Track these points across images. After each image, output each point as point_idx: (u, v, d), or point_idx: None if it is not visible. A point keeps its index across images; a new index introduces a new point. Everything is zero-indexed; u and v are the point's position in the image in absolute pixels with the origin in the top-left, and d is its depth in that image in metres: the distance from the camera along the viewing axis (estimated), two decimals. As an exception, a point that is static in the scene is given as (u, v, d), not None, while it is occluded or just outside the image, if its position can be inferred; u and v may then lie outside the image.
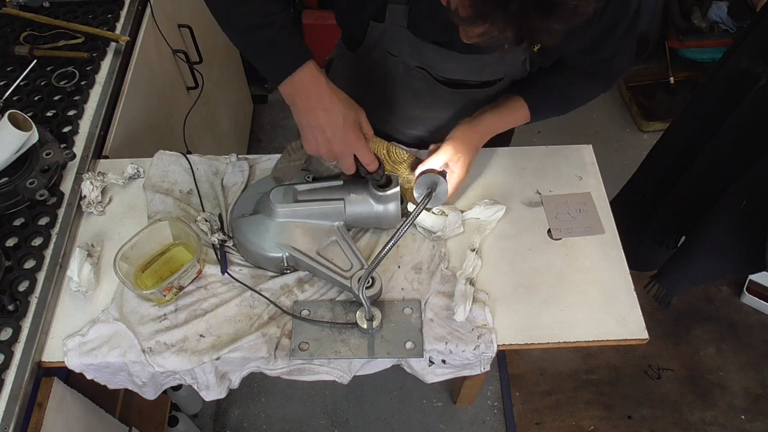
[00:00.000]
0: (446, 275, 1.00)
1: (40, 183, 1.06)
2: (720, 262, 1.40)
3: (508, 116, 1.07)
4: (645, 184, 1.62)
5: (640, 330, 0.95)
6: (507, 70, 1.05)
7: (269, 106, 2.83)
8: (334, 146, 0.87)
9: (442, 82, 1.06)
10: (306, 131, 0.87)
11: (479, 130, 1.04)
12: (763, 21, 1.21)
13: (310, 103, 0.85)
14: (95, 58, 1.30)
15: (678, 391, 1.98)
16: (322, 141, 0.87)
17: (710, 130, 1.36)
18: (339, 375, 0.96)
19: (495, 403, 1.97)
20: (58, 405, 0.96)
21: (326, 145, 0.87)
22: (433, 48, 0.99)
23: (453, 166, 1.01)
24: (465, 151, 1.02)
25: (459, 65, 1.02)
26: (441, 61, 1.01)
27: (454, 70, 1.03)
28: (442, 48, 0.98)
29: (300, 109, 0.86)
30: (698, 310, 2.16)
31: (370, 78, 1.12)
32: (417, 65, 1.03)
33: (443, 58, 1.00)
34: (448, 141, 1.03)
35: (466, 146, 1.03)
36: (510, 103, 1.07)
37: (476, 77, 1.05)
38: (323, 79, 0.85)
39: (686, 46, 2.68)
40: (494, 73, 1.05)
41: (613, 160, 2.60)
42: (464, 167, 1.02)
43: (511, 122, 1.08)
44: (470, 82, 1.06)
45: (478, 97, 1.09)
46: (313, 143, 0.88)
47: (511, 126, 1.09)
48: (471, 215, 1.07)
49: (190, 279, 0.97)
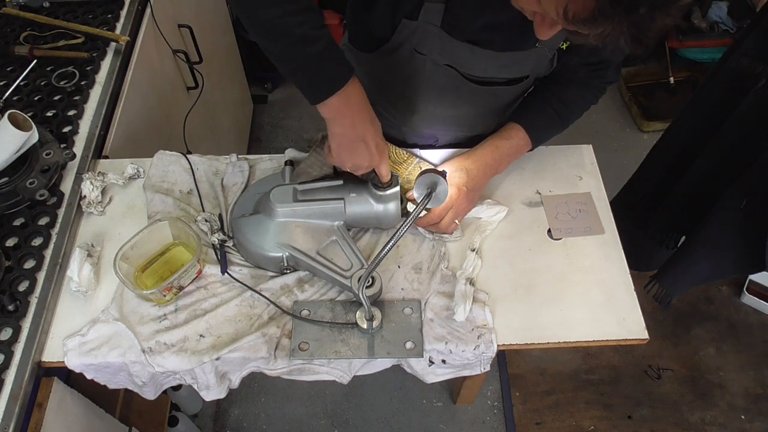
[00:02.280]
0: (446, 275, 1.00)
1: (40, 183, 1.06)
2: (720, 262, 1.40)
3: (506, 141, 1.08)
4: (645, 184, 1.62)
5: (640, 330, 0.95)
6: (534, 67, 1.05)
7: (269, 106, 2.83)
8: (373, 159, 0.90)
9: (470, 79, 1.06)
10: (347, 143, 0.88)
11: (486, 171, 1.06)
12: (763, 21, 1.21)
13: (361, 117, 0.86)
14: (95, 58, 1.30)
15: (678, 391, 1.98)
16: (365, 153, 0.88)
17: (710, 130, 1.36)
18: (339, 375, 0.96)
19: (495, 403, 1.97)
20: (58, 405, 0.96)
21: (368, 158, 0.89)
22: (466, 47, 0.98)
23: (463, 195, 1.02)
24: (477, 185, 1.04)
25: (490, 63, 1.02)
26: (472, 60, 1.01)
27: (485, 68, 1.03)
28: (475, 47, 0.98)
29: (347, 121, 0.86)
30: (698, 310, 2.16)
31: (390, 78, 1.12)
32: (446, 63, 1.03)
33: (475, 56, 1.00)
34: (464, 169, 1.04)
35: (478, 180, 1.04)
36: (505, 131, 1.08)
37: (505, 74, 1.05)
38: (364, 91, 0.87)
39: (686, 46, 2.68)
40: (523, 70, 1.05)
41: (613, 160, 2.60)
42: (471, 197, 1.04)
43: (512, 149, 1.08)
44: (498, 80, 1.06)
45: (503, 93, 1.09)
46: (351, 155, 0.89)
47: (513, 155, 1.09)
48: (472, 214, 1.07)
49: (190, 279, 0.97)
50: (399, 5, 0.97)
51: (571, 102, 1.10)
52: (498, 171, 1.08)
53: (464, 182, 1.03)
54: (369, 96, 0.90)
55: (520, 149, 1.09)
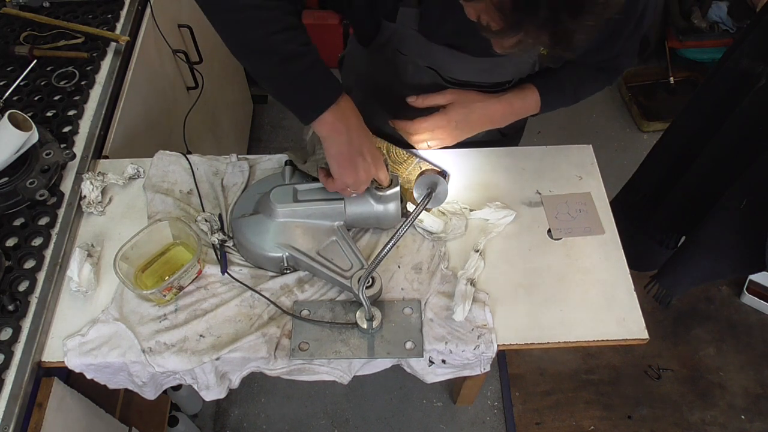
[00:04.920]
0: (446, 275, 1.00)
1: (40, 183, 1.06)
2: (720, 262, 1.40)
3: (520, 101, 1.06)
4: (645, 184, 1.62)
5: (640, 330, 0.95)
6: (516, 71, 1.05)
7: (269, 106, 2.83)
8: (372, 171, 0.89)
9: (451, 82, 1.06)
10: (346, 161, 0.87)
11: (488, 112, 1.04)
12: (763, 21, 1.21)
13: (357, 131, 0.86)
14: (95, 58, 1.30)
15: (678, 391, 1.98)
16: (363, 166, 0.88)
17: (710, 130, 1.36)
18: (339, 375, 0.96)
19: (495, 403, 1.97)
20: (58, 405, 0.96)
21: (367, 170, 0.89)
22: (445, 50, 0.99)
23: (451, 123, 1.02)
24: (468, 128, 1.03)
25: (470, 67, 1.02)
26: (451, 63, 1.02)
27: (464, 71, 1.04)
28: (454, 50, 0.98)
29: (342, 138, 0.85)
30: (698, 310, 2.16)
31: (381, 75, 1.12)
32: (427, 65, 1.04)
33: (454, 59, 1.00)
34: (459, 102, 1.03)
35: (473, 125, 1.04)
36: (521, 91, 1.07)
37: (486, 79, 1.05)
38: (355, 107, 0.87)
39: (686, 46, 2.68)
40: (504, 74, 1.05)
41: (613, 160, 2.60)
42: (454, 135, 1.04)
43: (522, 109, 1.07)
44: (480, 84, 1.06)
45: None
46: (352, 172, 0.88)
47: (522, 115, 1.09)
48: (479, 215, 1.07)
49: (190, 279, 0.97)
50: (377, 5, 0.97)
51: (586, 80, 1.09)
52: (499, 126, 1.08)
53: (459, 118, 1.02)
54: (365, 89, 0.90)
55: (528, 111, 1.08)
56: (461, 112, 1.03)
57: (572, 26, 0.60)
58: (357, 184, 0.91)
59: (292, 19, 0.80)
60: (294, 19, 0.81)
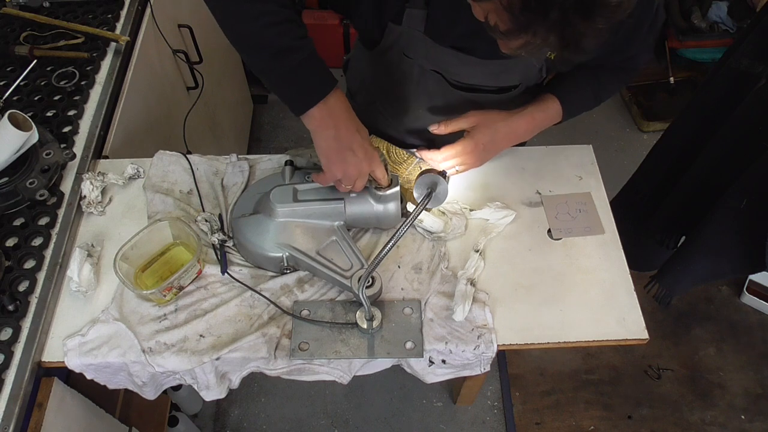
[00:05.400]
0: (446, 275, 1.00)
1: (40, 183, 1.06)
2: (720, 262, 1.40)
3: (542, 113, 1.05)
4: (645, 184, 1.62)
5: (640, 330, 0.95)
6: (523, 76, 1.04)
7: (269, 106, 2.83)
8: (363, 166, 0.88)
9: (456, 86, 1.05)
10: (334, 154, 0.87)
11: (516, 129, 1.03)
12: (763, 21, 1.21)
13: (345, 126, 0.86)
14: (95, 58, 1.30)
15: (678, 391, 1.98)
16: (353, 161, 0.87)
17: (710, 130, 1.36)
18: (339, 375, 0.96)
19: (495, 403, 1.97)
20: (58, 405, 0.96)
21: (357, 165, 0.88)
22: (451, 52, 0.98)
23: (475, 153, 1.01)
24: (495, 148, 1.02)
25: (476, 70, 1.01)
26: (458, 66, 1.01)
27: (470, 74, 1.03)
28: (460, 53, 0.98)
29: (330, 132, 0.85)
30: (698, 310, 2.16)
31: (387, 78, 1.12)
32: (432, 68, 1.03)
33: (461, 62, 1.00)
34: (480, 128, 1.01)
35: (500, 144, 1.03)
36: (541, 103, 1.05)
37: (493, 83, 1.05)
38: (347, 102, 0.86)
39: (686, 46, 2.68)
40: (511, 79, 1.04)
41: (613, 160, 2.60)
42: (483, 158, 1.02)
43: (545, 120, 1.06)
44: (486, 88, 1.06)
45: (492, 102, 1.08)
46: (341, 165, 0.88)
47: (545, 126, 1.07)
48: (480, 215, 1.07)
49: (190, 279, 0.97)
50: (383, 7, 0.96)
51: (606, 81, 1.08)
52: (524, 140, 1.07)
53: (486, 140, 1.01)
54: (370, 93, 0.90)
55: (552, 121, 1.07)
56: (487, 134, 1.01)
57: (582, 29, 0.60)
58: (347, 178, 0.90)
59: (288, 13, 0.81)
60: (290, 13, 0.81)
